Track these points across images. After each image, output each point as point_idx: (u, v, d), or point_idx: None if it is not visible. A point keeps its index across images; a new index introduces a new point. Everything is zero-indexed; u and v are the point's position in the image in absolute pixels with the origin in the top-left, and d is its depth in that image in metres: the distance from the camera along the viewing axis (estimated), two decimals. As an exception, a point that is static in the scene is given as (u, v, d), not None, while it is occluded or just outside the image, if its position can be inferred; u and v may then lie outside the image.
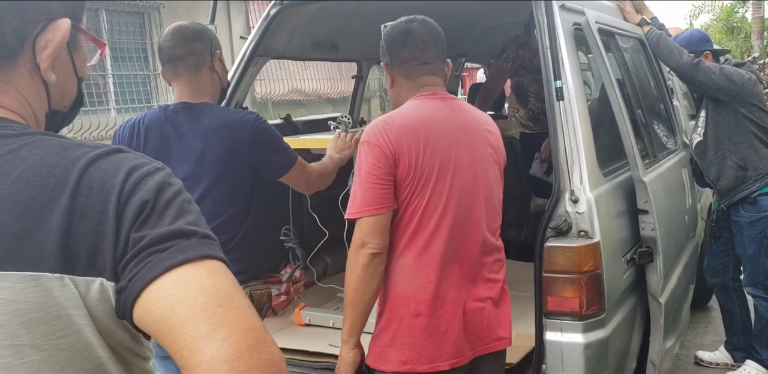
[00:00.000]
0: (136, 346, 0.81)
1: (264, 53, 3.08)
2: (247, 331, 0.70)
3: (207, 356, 0.68)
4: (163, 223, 0.75)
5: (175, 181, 0.80)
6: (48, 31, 0.82)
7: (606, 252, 2.10)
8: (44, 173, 0.74)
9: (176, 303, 0.71)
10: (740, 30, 16.86)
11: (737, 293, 3.53)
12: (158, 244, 0.74)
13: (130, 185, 0.76)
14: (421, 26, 1.93)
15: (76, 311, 0.73)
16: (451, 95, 1.96)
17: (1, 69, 0.81)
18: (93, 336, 0.75)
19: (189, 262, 0.73)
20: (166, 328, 0.71)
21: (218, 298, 0.72)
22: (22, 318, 0.71)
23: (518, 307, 3.01)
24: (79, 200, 0.74)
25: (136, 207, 0.75)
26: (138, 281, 0.72)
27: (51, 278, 0.72)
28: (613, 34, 2.83)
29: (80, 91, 0.91)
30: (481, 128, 1.91)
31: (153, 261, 0.73)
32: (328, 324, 2.86)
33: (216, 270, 0.75)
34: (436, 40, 1.94)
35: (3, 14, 0.79)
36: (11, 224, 0.71)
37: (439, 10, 3.69)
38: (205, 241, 0.76)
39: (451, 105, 1.90)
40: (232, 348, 0.68)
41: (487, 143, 1.90)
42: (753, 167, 3.23)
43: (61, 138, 0.80)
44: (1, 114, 0.81)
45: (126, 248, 0.74)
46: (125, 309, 0.74)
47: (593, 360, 2.08)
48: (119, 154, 0.79)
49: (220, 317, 0.70)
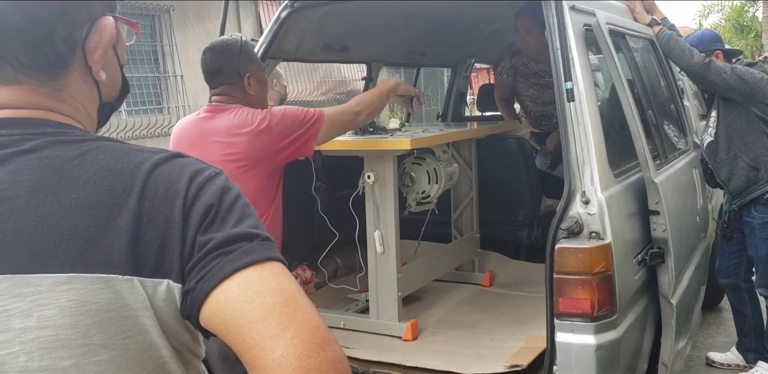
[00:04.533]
0: (195, 346, 0.83)
1: (275, 55, 3.10)
2: (314, 330, 0.73)
3: (278, 354, 0.71)
4: (227, 226, 0.78)
5: (234, 185, 0.83)
6: (95, 33, 0.84)
7: (617, 253, 2.10)
8: (111, 177, 0.77)
9: (245, 304, 0.73)
10: (750, 29, 16.75)
11: (749, 294, 3.52)
12: (224, 247, 0.77)
13: (194, 189, 0.78)
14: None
15: (144, 312, 0.76)
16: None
17: (57, 79, 0.83)
18: (158, 336, 0.77)
19: (254, 264, 0.76)
20: (235, 328, 0.73)
21: (284, 298, 0.74)
22: (94, 318, 0.73)
23: (529, 308, 3.02)
24: (146, 205, 0.76)
25: (201, 211, 0.78)
26: (206, 282, 0.75)
27: (121, 280, 0.74)
28: (624, 35, 2.82)
29: (124, 78, 0.94)
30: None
31: (220, 264, 0.76)
32: (339, 324, 2.87)
33: (279, 272, 0.78)
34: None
35: (51, 26, 0.80)
36: (83, 228, 0.74)
37: (447, 11, 3.70)
38: (266, 243, 0.80)
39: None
40: (301, 346, 0.71)
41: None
42: (765, 167, 3.22)
43: (121, 143, 0.83)
44: (60, 120, 0.83)
45: (192, 251, 0.77)
46: (192, 310, 0.76)
47: (605, 362, 2.08)
48: (180, 159, 0.82)
49: (288, 317, 0.73)
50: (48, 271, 0.72)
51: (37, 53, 0.80)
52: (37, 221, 0.74)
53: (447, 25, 4.07)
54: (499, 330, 2.83)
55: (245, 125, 2.22)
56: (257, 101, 2.40)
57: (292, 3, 2.98)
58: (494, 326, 2.90)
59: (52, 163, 0.77)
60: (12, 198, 0.74)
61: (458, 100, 5.16)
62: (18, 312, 0.72)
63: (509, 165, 3.45)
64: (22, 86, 0.82)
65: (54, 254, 0.73)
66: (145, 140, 8.07)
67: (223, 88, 2.38)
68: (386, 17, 3.57)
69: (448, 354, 2.58)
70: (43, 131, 0.80)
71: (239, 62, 2.35)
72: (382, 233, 2.80)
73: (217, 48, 2.39)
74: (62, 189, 0.75)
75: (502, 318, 3.00)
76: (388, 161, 2.78)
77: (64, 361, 0.73)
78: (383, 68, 4.40)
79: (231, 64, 2.35)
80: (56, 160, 0.77)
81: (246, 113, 2.26)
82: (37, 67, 0.81)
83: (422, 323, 2.89)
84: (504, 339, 2.71)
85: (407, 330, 2.74)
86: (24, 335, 0.72)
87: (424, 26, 3.93)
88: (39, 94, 0.82)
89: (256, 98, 2.40)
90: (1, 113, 0.81)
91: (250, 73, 2.37)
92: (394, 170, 2.81)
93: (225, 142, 2.23)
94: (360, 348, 2.65)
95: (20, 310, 0.72)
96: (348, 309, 3.10)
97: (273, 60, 3.12)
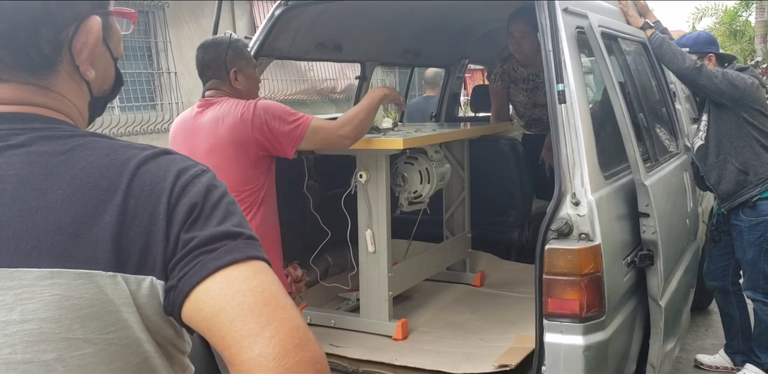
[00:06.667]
0: (179, 341, 0.84)
1: (268, 53, 3.10)
2: (293, 330, 0.74)
3: (255, 353, 0.71)
4: (211, 224, 0.79)
5: (220, 183, 0.83)
6: (81, 34, 0.83)
7: (607, 255, 2.11)
8: (97, 174, 0.77)
9: (225, 303, 0.74)
10: (743, 33, 16.83)
11: (737, 297, 3.54)
12: (207, 245, 0.77)
13: (179, 187, 0.79)
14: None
15: (127, 308, 0.76)
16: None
17: (43, 78, 0.83)
18: (141, 332, 0.78)
19: (236, 263, 0.77)
20: (215, 326, 0.74)
21: (264, 298, 0.75)
22: (77, 313, 0.74)
23: (519, 308, 3.04)
24: (131, 202, 0.76)
25: (186, 209, 0.78)
26: (188, 280, 0.76)
27: (104, 277, 0.75)
28: (616, 38, 2.83)
29: (117, 71, 0.93)
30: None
31: (202, 262, 0.76)
32: (329, 323, 2.87)
33: (261, 271, 0.78)
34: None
35: (35, 28, 0.80)
36: (67, 224, 0.74)
37: (441, 11, 3.71)
38: (250, 242, 0.80)
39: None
40: (279, 345, 0.72)
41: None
42: (754, 171, 3.24)
43: (110, 139, 0.83)
44: (48, 115, 0.83)
45: (176, 249, 0.77)
46: (174, 307, 0.77)
47: (593, 362, 2.09)
48: (167, 156, 0.82)
49: (267, 316, 0.73)
50: (32, 265, 0.73)
51: (22, 55, 0.80)
52: (22, 216, 0.74)
53: (441, 25, 4.08)
54: (488, 330, 2.85)
55: (228, 114, 2.34)
56: (246, 96, 2.49)
57: (287, 1, 2.98)
58: (484, 326, 2.91)
59: (39, 158, 0.77)
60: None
61: (451, 100, 5.17)
62: (1, 306, 0.73)
63: (501, 166, 3.47)
64: (9, 84, 0.82)
65: (38, 249, 0.73)
66: (138, 137, 8.05)
67: (212, 82, 2.50)
68: (380, 17, 3.57)
69: (437, 353, 2.59)
70: (31, 127, 0.80)
71: (226, 57, 2.45)
72: (373, 233, 2.81)
73: (207, 44, 2.51)
74: (49, 185, 0.76)
75: (492, 318, 3.01)
76: (380, 160, 2.78)
77: (47, 355, 0.73)
78: (377, 67, 4.40)
79: (218, 59, 2.46)
80: (44, 155, 0.78)
81: (231, 104, 2.38)
82: (22, 67, 0.81)
83: (412, 322, 2.90)
84: (493, 339, 2.72)
85: (397, 329, 2.75)
86: (7, 328, 0.72)
87: (419, 26, 3.93)
88: (26, 91, 0.82)
89: (243, 92, 2.50)
90: None
91: (237, 68, 2.47)
92: (387, 170, 2.82)
93: (211, 132, 2.34)
94: (350, 346, 2.66)
95: (4, 303, 0.73)
96: (338, 307, 3.11)
97: (266, 58, 3.12)
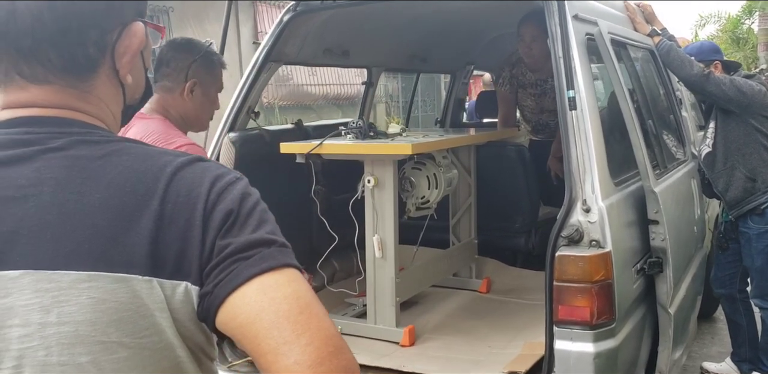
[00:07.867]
0: (209, 348, 0.84)
1: (277, 59, 3.11)
2: (328, 338, 0.74)
3: (291, 361, 0.72)
4: (246, 231, 0.79)
5: (253, 191, 0.84)
6: (125, 38, 0.85)
7: (617, 262, 2.11)
8: (134, 179, 0.78)
9: (261, 310, 0.75)
10: (746, 41, 16.87)
11: (744, 304, 3.53)
12: (242, 252, 0.77)
13: (215, 194, 0.79)
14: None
15: (161, 312, 0.77)
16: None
17: (86, 81, 0.84)
18: (174, 337, 0.78)
19: (271, 270, 0.77)
20: (250, 333, 0.74)
21: (299, 306, 0.75)
22: (112, 316, 0.75)
23: (526, 315, 3.02)
24: (168, 207, 0.77)
25: (222, 216, 0.79)
26: (224, 287, 0.76)
27: (140, 281, 0.76)
28: (625, 45, 2.84)
29: (148, 81, 0.95)
30: None
31: (238, 268, 0.76)
32: (335, 329, 2.86)
33: (295, 278, 0.79)
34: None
35: (83, 29, 0.81)
36: (105, 228, 0.75)
37: (448, 17, 3.72)
38: (283, 249, 0.81)
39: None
40: (315, 353, 0.72)
41: None
42: (762, 178, 3.24)
43: (144, 145, 0.84)
44: (86, 120, 0.84)
45: (211, 255, 0.77)
46: (209, 313, 0.77)
47: (603, 370, 2.08)
48: (201, 163, 0.83)
49: (303, 324, 0.74)
50: (70, 268, 0.74)
51: (69, 55, 0.81)
52: (60, 219, 0.75)
53: (448, 31, 4.09)
54: (496, 337, 2.83)
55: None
56: (191, 116, 2.15)
57: (295, 7, 2.99)
58: (491, 332, 2.90)
59: (77, 162, 0.78)
60: (37, 195, 0.75)
61: (457, 106, 5.17)
62: (38, 308, 0.73)
63: (508, 172, 3.46)
64: (52, 86, 0.83)
65: (76, 252, 0.74)
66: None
67: (161, 84, 2.11)
68: (388, 22, 3.58)
69: (445, 360, 2.58)
70: (70, 131, 0.81)
71: (193, 63, 2.10)
72: (380, 238, 2.80)
73: (179, 41, 2.20)
74: (86, 188, 0.76)
75: (499, 324, 3.00)
76: (388, 165, 2.78)
77: (82, 357, 0.74)
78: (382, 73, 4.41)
79: (182, 61, 2.10)
80: (81, 159, 0.78)
81: (150, 133, 1.95)
82: (67, 68, 0.82)
83: (419, 328, 2.89)
84: (501, 346, 2.71)
85: (404, 335, 2.74)
86: (44, 330, 0.73)
87: (425, 32, 3.94)
88: (68, 94, 0.83)
89: (190, 112, 2.14)
90: (30, 111, 0.82)
91: (199, 80, 2.11)
92: (394, 175, 2.81)
93: None
94: (357, 353, 2.61)
95: (41, 305, 0.73)
96: (345, 313, 3.10)
97: (275, 63, 3.13)
